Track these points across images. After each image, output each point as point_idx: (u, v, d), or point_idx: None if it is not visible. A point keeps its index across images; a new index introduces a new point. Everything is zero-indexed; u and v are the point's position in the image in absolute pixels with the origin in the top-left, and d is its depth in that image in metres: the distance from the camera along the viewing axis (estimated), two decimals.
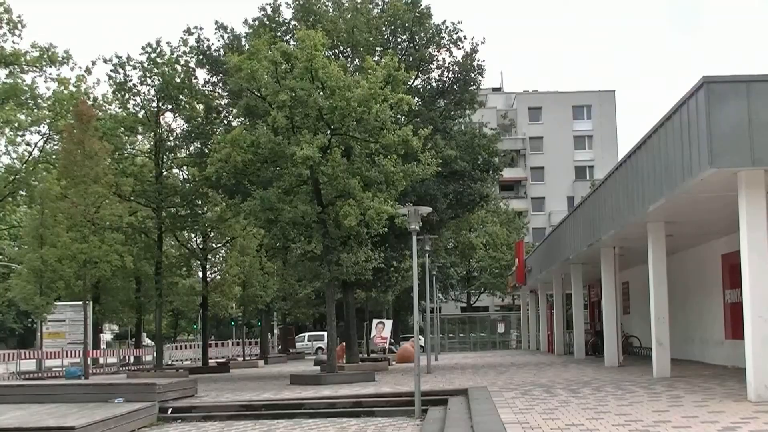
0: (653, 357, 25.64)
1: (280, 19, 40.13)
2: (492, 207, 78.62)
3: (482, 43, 39.69)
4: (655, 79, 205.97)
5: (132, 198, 42.53)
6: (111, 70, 42.84)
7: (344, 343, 42.83)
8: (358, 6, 39.79)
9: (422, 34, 39.14)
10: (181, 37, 42.23)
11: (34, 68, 46.07)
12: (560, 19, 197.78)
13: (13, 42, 45.90)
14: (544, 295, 54.70)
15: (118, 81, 42.95)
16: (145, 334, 76.19)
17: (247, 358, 60.44)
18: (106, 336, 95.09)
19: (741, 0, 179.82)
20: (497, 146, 42.91)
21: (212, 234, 49.14)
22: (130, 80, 43.02)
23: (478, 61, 39.57)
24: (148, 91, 43.28)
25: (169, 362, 56.26)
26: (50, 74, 46.45)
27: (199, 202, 45.02)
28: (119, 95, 43.61)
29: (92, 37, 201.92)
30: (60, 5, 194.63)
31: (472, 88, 40.11)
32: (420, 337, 29.48)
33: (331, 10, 40.26)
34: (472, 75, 39.64)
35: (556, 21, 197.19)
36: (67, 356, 48.39)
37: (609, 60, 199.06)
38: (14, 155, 47.46)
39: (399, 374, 34.68)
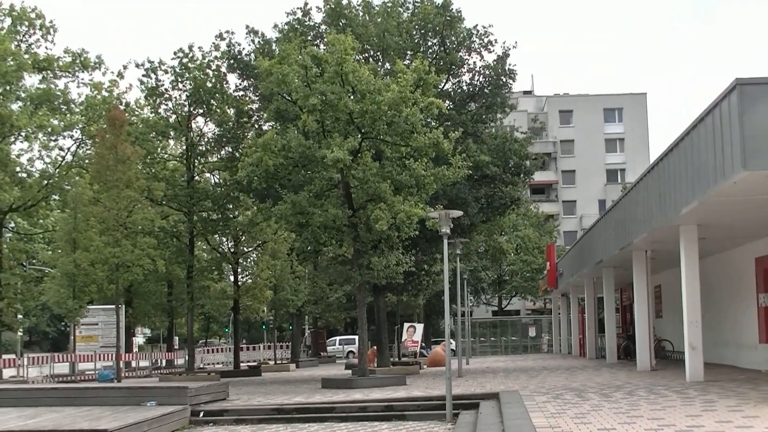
0: (686, 361, 25.46)
1: (311, 23, 40.21)
2: (523, 210, 78.49)
3: (514, 47, 39.65)
4: (688, 81, 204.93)
5: (164, 202, 42.71)
6: (143, 75, 43.04)
7: (375, 347, 42.81)
8: (389, 10, 39.76)
9: (453, 38, 39.06)
10: (213, 42, 42.46)
11: (67, 73, 46.41)
12: (590, 22, 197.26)
13: (46, 47, 46.29)
14: (576, 299, 54.47)
15: (150, 86, 43.11)
16: (176, 338, 76.40)
17: (278, 361, 60.52)
18: (139, 339, 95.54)
19: None
20: (528, 149, 42.77)
21: (243, 238, 49.23)
22: (162, 85, 43.18)
23: (510, 65, 39.47)
24: (180, 95, 43.46)
25: (201, 366, 56.42)
26: (83, 79, 46.85)
27: (231, 206, 45.10)
28: (151, 100, 43.78)
29: (123, 42, 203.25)
30: (91, 10, 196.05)
31: (503, 91, 40.00)
32: (451, 340, 29.39)
33: (361, 14, 40.26)
34: (504, 79, 39.52)
35: (586, 23, 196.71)
36: (99, 359, 48.68)
37: (640, 62, 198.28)
38: (48, 160, 47.80)
39: (430, 378, 34.63)
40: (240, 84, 41.80)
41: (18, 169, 46.58)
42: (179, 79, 42.88)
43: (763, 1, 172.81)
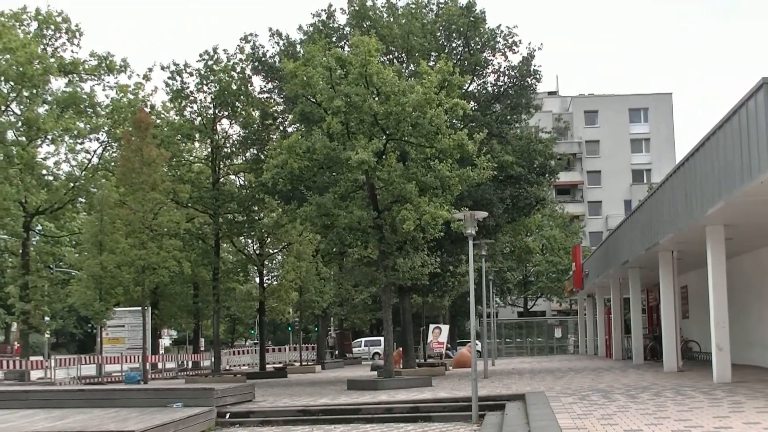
0: (713, 362, 25.34)
1: (335, 25, 40.26)
2: (548, 211, 78.31)
3: (539, 48, 39.58)
4: (716, 81, 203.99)
5: (189, 204, 42.82)
6: (168, 78, 43.14)
7: (401, 349, 42.82)
8: (413, 11, 39.74)
9: (477, 39, 39.01)
10: (238, 45, 42.55)
11: (93, 77, 46.56)
12: (616, 22, 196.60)
13: (72, 51, 46.63)
14: (602, 300, 54.32)
15: (175, 88, 43.23)
16: (203, 340, 76.58)
17: (303, 363, 60.57)
18: (165, 341, 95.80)
19: None
20: (553, 150, 42.67)
21: (269, 240, 49.29)
22: (187, 87, 43.30)
23: (535, 66, 39.38)
24: (205, 98, 43.56)
25: (227, 367, 56.53)
26: (108, 82, 46.98)
27: (256, 208, 45.20)
28: (176, 102, 43.88)
29: (148, 46, 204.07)
30: (116, 13, 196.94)
31: (528, 92, 39.90)
32: (477, 341, 29.35)
33: (385, 16, 40.26)
34: (528, 80, 39.43)
35: (611, 23, 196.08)
36: (126, 361, 48.81)
37: (666, 61, 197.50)
38: (74, 163, 47.94)
39: (456, 379, 34.61)
40: (264, 86, 41.91)
41: (45, 172, 46.77)
42: (204, 82, 42.97)
43: None
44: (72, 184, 46.45)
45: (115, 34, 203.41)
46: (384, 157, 30.90)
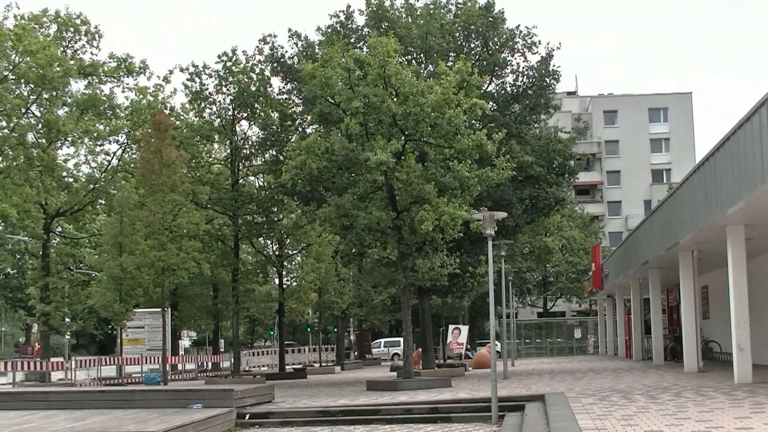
0: (734, 362, 25.23)
1: (353, 26, 40.25)
2: (568, 211, 78.14)
3: (558, 48, 39.41)
4: (735, 80, 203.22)
5: (209, 206, 42.89)
6: (187, 79, 43.21)
7: (420, 349, 42.80)
8: (431, 12, 39.71)
9: (496, 39, 38.96)
10: (257, 46, 42.63)
11: (112, 78, 46.73)
12: (635, 21, 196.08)
13: (92, 53, 46.63)
14: (622, 300, 54.18)
15: (194, 90, 43.29)
16: (222, 341, 76.74)
17: (323, 364, 60.61)
18: (184, 342, 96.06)
19: None
20: (572, 150, 42.58)
21: (288, 241, 49.33)
22: (206, 89, 43.34)
23: (554, 66, 39.29)
24: (224, 99, 43.60)
25: (247, 368, 56.64)
26: (128, 84, 47.13)
27: (275, 209, 45.21)
28: (195, 104, 43.95)
29: (167, 47, 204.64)
30: (135, 14, 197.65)
31: (547, 92, 39.81)
32: (496, 342, 29.30)
33: (404, 16, 40.24)
34: (547, 80, 39.34)
35: (629, 23, 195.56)
36: (146, 362, 48.96)
37: (685, 61, 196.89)
38: (94, 164, 48.17)
39: (475, 380, 34.59)
40: (283, 87, 41.93)
41: (65, 174, 47.00)
42: (223, 83, 43.02)
43: None
44: (92, 186, 46.67)
45: (132, 35, 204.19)
46: (403, 157, 30.87)
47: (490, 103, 37.77)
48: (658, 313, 41.37)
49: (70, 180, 47.78)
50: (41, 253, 49.01)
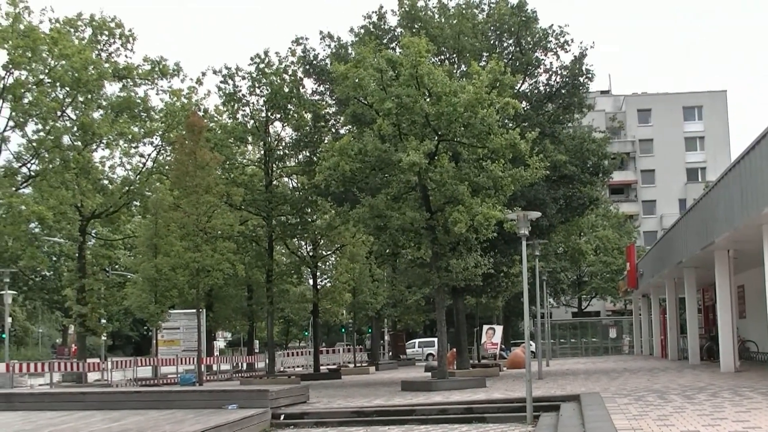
0: None
1: (386, 27, 40.27)
2: (602, 211, 77.84)
3: (591, 47, 39.23)
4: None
5: (243, 207, 43.01)
6: (221, 81, 43.37)
7: (455, 350, 42.74)
8: (464, 12, 39.66)
9: (529, 38, 38.85)
10: (289, 48, 42.67)
11: (146, 81, 47.03)
12: (668, 20, 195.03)
13: (126, 56, 46.94)
14: (657, 300, 53.90)
15: (227, 92, 43.46)
16: (257, 341, 77.03)
17: (357, 364, 60.69)
18: (219, 343, 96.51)
19: None
20: (606, 149, 42.39)
21: (322, 241, 49.46)
22: (240, 90, 43.50)
23: (587, 65, 39.12)
24: (257, 101, 43.72)
25: (281, 369, 56.77)
26: (162, 86, 47.44)
27: (309, 210, 45.29)
28: (229, 106, 44.10)
29: (200, 50, 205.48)
30: (168, 17, 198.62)
31: (580, 91, 39.66)
32: (531, 342, 29.25)
33: (436, 17, 40.22)
34: (581, 79, 39.18)
35: (662, 22, 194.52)
36: (181, 363, 49.20)
37: (720, 59, 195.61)
38: (129, 167, 48.48)
39: (510, 380, 34.51)
40: (316, 88, 41.99)
41: (100, 176, 47.31)
42: (256, 85, 43.15)
43: None
44: (127, 188, 46.98)
45: (164, 37, 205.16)
46: (436, 158, 30.84)
47: (523, 102, 37.66)
48: (693, 313, 41.14)
49: (106, 182, 48.14)
50: (77, 255, 49.37)
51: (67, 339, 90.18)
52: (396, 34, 39.67)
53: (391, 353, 77.54)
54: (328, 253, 51.81)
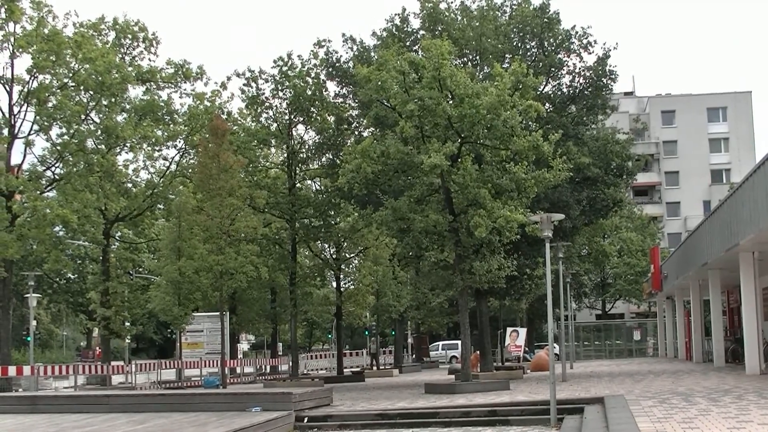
0: None
1: (409, 29, 40.25)
2: (626, 213, 77.52)
3: (614, 48, 39.11)
4: None
5: (266, 210, 43.10)
6: (244, 84, 43.51)
7: (478, 352, 42.67)
8: (486, 13, 39.61)
9: (551, 40, 38.80)
10: (312, 50, 42.75)
11: (170, 84, 47.24)
12: (692, 21, 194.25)
13: (149, 59, 47.17)
14: (681, 302, 53.67)
15: (250, 95, 43.56)
16: (280, 344, 77.07)
17: (381, 367, 60.66)
18: (243, 346, 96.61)
19: None
20: (630, 151, 42.21)
21: (345, 244, 49.49)
22: (263, 93, 43.59)
23: (610, 66, 39.01)
24: (280, 104, 43.84)
25: (305, 371, 56.83)
26: (185, 90, 47.61)
27: (332, 213, 45.34)
28: (252, 109, 44.22)
29: (222, 53, 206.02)
30: (192, 20, 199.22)
31: (603, 93, 39.54)
32: (554, 345, 29.16)
33: (459, 19, 40.19)
34: (604, 80, 39.08)
35: (686, 23, 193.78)
36: (205, 366, 49.32)
37: (745, 60, 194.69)
38: (152, 170, 48.69)
39: (534, 382, 34.43)
40: (339, 91, 42.05)
41: (124, 179, 47.53)
42: (279, 88, 43.23)
43: None
44: (150, 191, 47.18)
45: (190, 41, 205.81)
46: (459, 160, 30.80)
47: (546, 104, 37.55)
48: (718, 315, 40.92)
49: (129, 185, 48.37)
50: (101, 258, 49.64)
51: (91, 342, 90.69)
52: (418, 36, 39.65)
53: (414, 356, 77.46)
54: (352, 255, 51.84)
